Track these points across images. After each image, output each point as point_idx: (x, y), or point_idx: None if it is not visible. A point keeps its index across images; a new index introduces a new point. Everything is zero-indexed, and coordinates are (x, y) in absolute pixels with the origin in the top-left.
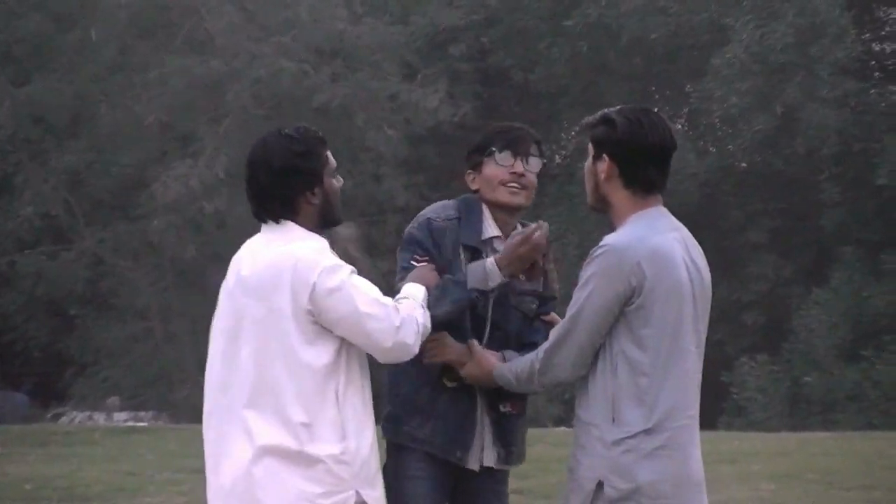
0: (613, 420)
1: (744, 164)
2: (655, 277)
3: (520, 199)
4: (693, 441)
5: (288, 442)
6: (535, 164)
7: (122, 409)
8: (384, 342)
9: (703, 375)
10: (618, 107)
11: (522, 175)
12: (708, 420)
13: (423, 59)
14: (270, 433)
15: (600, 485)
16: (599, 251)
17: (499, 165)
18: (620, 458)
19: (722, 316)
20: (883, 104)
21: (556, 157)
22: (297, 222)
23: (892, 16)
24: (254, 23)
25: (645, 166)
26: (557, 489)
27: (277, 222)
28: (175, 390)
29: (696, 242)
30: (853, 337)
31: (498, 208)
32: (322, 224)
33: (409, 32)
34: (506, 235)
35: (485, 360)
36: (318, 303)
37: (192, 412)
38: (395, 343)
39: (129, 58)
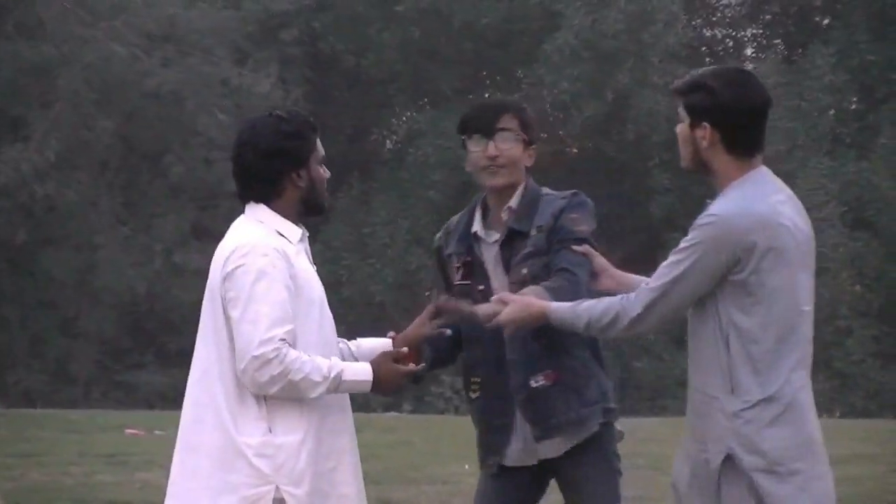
0: (732, 391)
1: (575, 150)
2: (763, 246)
3: (499, 181)
4: (811, 402)
5: (212, 427)
6: (507, 138)
7: None
8: (239, 362)
9: None
10: (709, 69)
11: (496, 156)
12: None
13: (254, 44)
14: (200, 416)
15: (728, 457)
16: (708, 220)
17: (473, 151)
18: (743, 429)
19: None
20: None
21: (388, 142)
22: (277, 205)
23: (723, 1)
24: (84, 7)
25: (748, 129)
26: (386, 475)
27: (257, 202)
28: (6, 375)
29: (797, 200)
30: (682, 324)
31: (488, 192)
32: (304, 211)
33: (240, 17)
34: (497, 215)
35: (534, 301)
36: (226, 293)
37: (23, 397)
38: (245, 369)
39: None
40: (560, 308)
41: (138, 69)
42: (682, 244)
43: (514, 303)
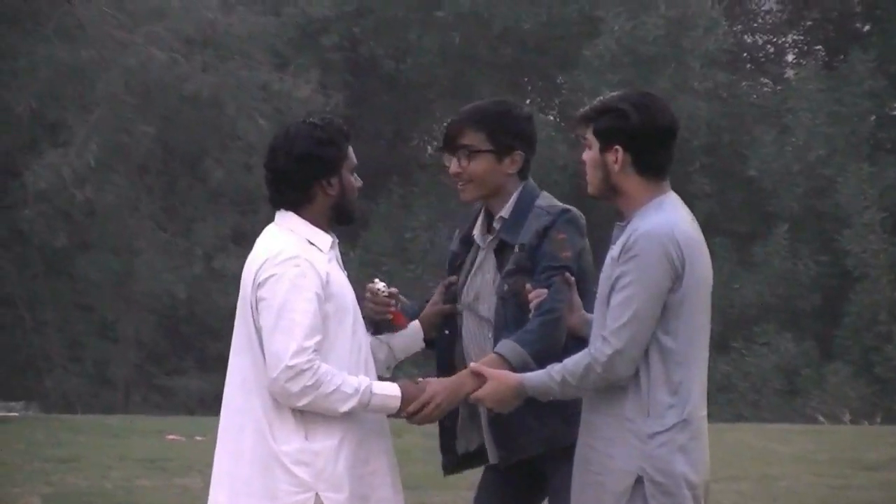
0: (648, 413)
1: None
2: (690, 265)
3: (466, 196)
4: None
5: (251, 435)
6: (467, 155)
7: None
8: (270, 371)
9: None
10: (616, 94)
11: (459, 173)
12: None
13: (294, 49)
14: (241, 424)
15: (639, 479)
16: (639, 243)
17: (446, 166)
18: (657, 452)
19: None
20: (754, 96)
21: (428, 147)
22: (307, 212)
23: (763, 7)
24: (124, 11)
25: (659, 151)
26: (424, 480)
27: (288, 209)
28: (44, 379)
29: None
30: (722, 328)
31: None
32: (335, 218)
33: (280, 22)
34: (492, 223)
35: (509, 375)
36: (258, 302)
37: (61, 401)
38: (277, 378)
39: None
40: (534, 377)
41: (178, 73)
42: (627, 278)
43: (491, 379)
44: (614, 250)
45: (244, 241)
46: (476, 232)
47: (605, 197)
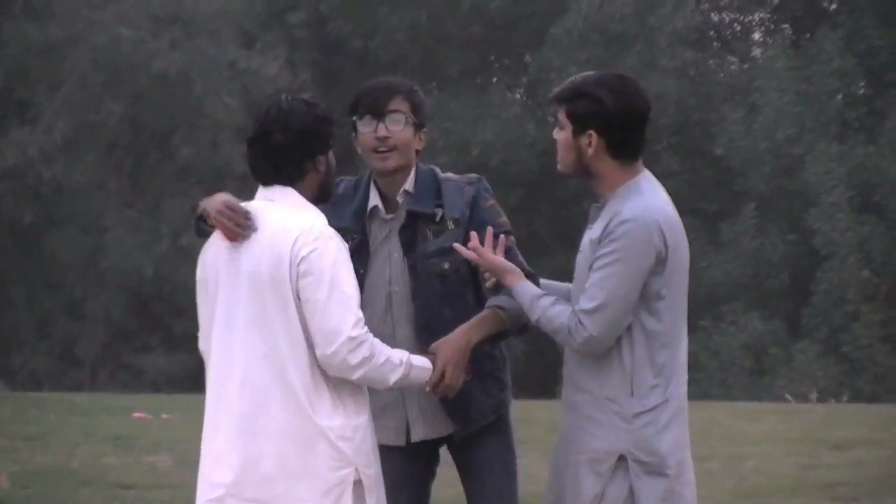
0: (633, 394)
1: None
2: (672, 247)
3: (391, 163)
4: (686, 405)
5: (283, 410)
6: (398, 120)
7: None
8: (327, 345)
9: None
10: (591, 76)
11: (387, 138)
12: (550, 390)
13: (262, 27)
14: (265, 400)
15: (622, 458)
16: (623, 226)
17: (363, 133)
18: (642, 432)
19: None
20: (721, 74)
21: None
22: (299, 190)
23: None
24: None
25: (633, 135)
26: None
27: (284, 186)
28: (12, 357)
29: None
30: (690, 307)
31: (377, 175)
32: (317, 196)
33: None
34: (390, 198)
35: (513, 273)
36: (301, 276)
37: (29, 378)
38: (337, 350)
39: None
40: (524, 292)
41: (146, 51)
42: (606, 259)
43: (497, 259)
44: (594, 232)
45: None
46: (378, 203)
47: (577, 176)
